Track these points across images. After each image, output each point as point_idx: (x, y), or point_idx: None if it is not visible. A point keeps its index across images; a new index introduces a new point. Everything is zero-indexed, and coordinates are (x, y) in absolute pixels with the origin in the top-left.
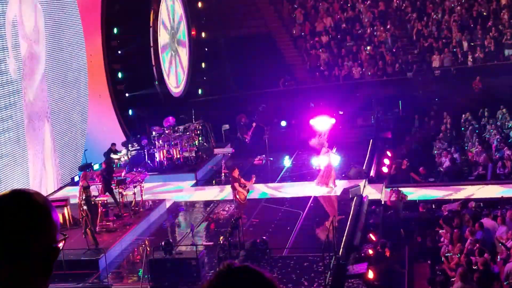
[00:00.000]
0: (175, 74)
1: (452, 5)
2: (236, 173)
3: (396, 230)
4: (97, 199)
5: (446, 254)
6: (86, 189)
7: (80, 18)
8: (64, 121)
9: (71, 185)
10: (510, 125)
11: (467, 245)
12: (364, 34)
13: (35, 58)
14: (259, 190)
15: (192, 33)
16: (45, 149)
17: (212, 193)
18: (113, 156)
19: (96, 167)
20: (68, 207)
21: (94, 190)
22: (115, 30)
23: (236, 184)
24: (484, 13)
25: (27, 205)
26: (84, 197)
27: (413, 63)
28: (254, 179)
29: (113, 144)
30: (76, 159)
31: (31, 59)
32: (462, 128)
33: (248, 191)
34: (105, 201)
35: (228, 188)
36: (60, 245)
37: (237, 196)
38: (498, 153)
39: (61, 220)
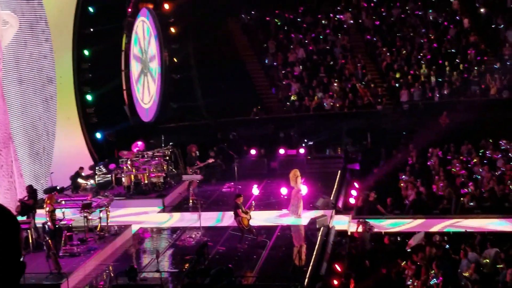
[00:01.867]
0: (147, 94)
1: (421, 41)
2: (240, 200)
3: (362, 262)
4: (61, 222)
5: (410, 286)
6: (51, 212)
7: (51, 38)
8: (30, 143)
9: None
10: (475, 161)
11: (431, 278)
12: (335, 66)
13: None
14: (227, 217)
15: (164, 54)
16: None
17: (179, 219)
18: (79, 180)
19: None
20: (31, 230)
21: (59, 213)
22: (86, 52)
23: (239, 211)
24: (453, 50)
25: (7, 220)
26: (48, 220)
27: (382, 96)
28: (253, 207)
29: (81, 168)
30: (42, 182)
31: None
32: (428, 162)
33: (250, 216)
34: (70, 225)
35: (193, 216)
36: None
37: (241, 222)
38: (463, 187)
39: (24, 243)
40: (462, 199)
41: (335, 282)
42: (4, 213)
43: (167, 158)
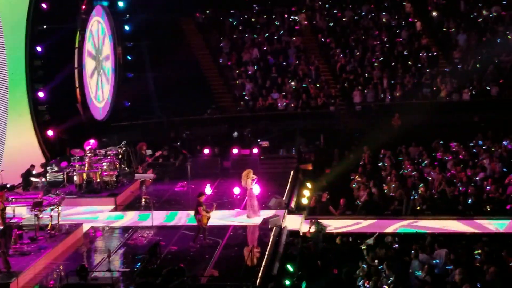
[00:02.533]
0: (101, 92)
1: (374, 43)
2: (202, 198)
3: (314, 262)
4: (12, 221)
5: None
6: (1, 210)
7: (3, 35)
8: None
9: None
10: (425, 162)
11: (382, 279)
12: (289, 66)
13: None
14: (180, 217)
15: (118, 51)
16: None
17: (131, 218)
18: (31, 178)
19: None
20: None
21: (9, 211)
22: (39, 49)
23: (201, 208)
24: (405, 52)
25: None
26: None
27: (335, 97)
28: (215, 207)
29: (32, 166)
30: None
31: None
32: (380, 163)
33: (209, 216)
34: (20, 223)
35: (144, 215)
36: None
37: (201, 220)
38: (414, 189)
39: None
40: (412, 199)
41: (287, 282)
42: None
43: (120, 156)
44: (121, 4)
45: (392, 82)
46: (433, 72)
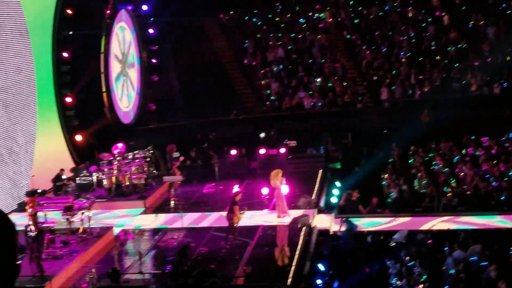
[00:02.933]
0: (126, 96)
1: (401, 38)
2: (239, 197)
3: (344, 261)
4: (44, 225)
5: (394, 286)
6: (33, 215)
7: (30, 41)
8: (10, 146)
9: (17, 211)
10: (456, 158)
11: (415, 277)
12: (314, 65)
13: None
14: (209, 218)
15: (143, 55)
16: None
17: (161, 220)
18: (62, 183)
19: None
20: None
21: (41, 216)
22: (65, 55)
23: (236, 208)
24: (433, 47)
25: (5, 222)
26: (31, 223)
27: (362, 95)
28: (246, 210)
29: (62, 170)
30: (22, 185)
31: None
32: (410, 160)
33: (240, 217)
34: (52, 227)
35: (175, 216)
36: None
37: (233, 219)
38: (446, 185)
39: None
40: (445, 196)
41: (319, 281)
42: (1, 217)
43: (148, 159)
44: (145, 7)
45: (420, 77)
46: (462, 66)
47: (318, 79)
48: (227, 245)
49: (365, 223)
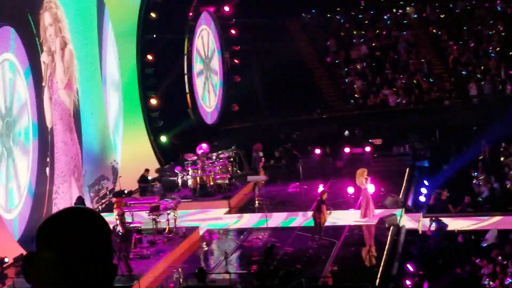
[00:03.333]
0: (208, 96)
1: (490, 32)
2: (325, 196)
3: (434, 261)
4: (131, 225)
5: (487, 286)
6: (120, 215)
7: (117, 45)
8: (97, 148)
9: (104, 212)
10: None
11: (508, 278)
12: (399, 61)
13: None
14: (294, 218)
15: (226, 56)
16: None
17: (246, 220)
18: (147, 184)
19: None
20: None
21: (128, 216)
22: (150, 57)
23: (324, 207)
24: None
25: (101, 222)
26: (118, 224)
27: (450, 91)
28: (332, 211)
29: (147, 171)
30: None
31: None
32: (502, 157)
33: (327, 217)
34: (139, 227)
35: (258, 215)
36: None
37: (320, 219)
38: None
39: None
40: None
41: (408, 282)
42: (96, 217)
43: (232, 159)
44: (226, 8)
45: (511, 72)
46: None
47: (403, 77)
48: (314, 245)
49: (455, 223)
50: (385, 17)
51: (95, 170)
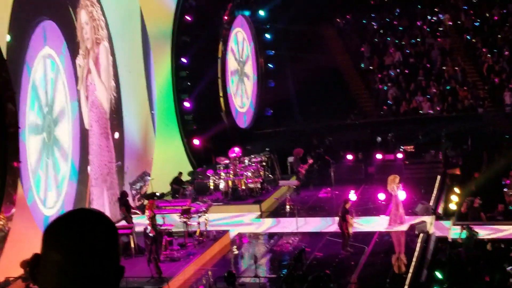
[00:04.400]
0: (240, 97)
1: None
2: (348, 205)
3: (464, 269)
4: (162, 227)
5: None
6: (152, 218)
7: (151, 48)
8: (131, 149)
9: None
10: None
11: None
12: (433, 69)
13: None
14: (324, 223)
15: (260, 60)
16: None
17: (277, 225)
18: (180, 186)
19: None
20: (133, 235)
21: (159, 218)
22: (184, 60)
23: (348, 216)
24: None
25: (108, 224)
26: (149, 226)
27: (484, 99)
28: (356, 218)
29: (180, 173)
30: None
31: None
32: None
33: (353, 224)
34: (170, 230)
35: (290, 220)
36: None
37: (347, 229)
38: None
39: (126, 248)
40: None
41: None
42: (102, 219)
43: (264, 164)
44: (262, 13)
45: None
46: None
47: (438, 84)
48: (347, 252)
49: (486, 231)
50: (420, 24)
51: (138, 167)
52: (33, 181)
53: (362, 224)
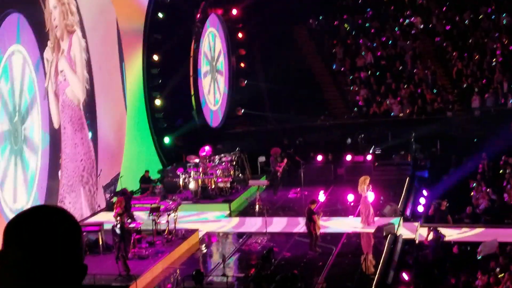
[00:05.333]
0: (213, 95)
1: (495, 46)
2: (314, 206)
3: (430, 271)
4: (131, 225)
5: None
6: (120, 215)
7: (122, 44)
8: (100, 146)
9: (105, 211)
10: None
11: None
12: (404, 71)
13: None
14: (293, 223)
15: (232, 59)
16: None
17: (246, 224)
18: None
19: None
20: (101, 232)
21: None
22: (156, 58)
23: (315, 217)
24: None
25: (71, 222)
26: (118, 223)
27: (453, 103)
28: (321, 215)
29: (146, 172)
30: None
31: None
32: (501, 170)
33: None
34: (139, 228)
35: (259, 220)
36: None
37: (315, 229)
38: None
39: (94, 245)
40: None
41: None
42: (65, 216)
43: (234, 163)
44: (234, 12)
45: None
46: None
47: (407, 86)
48: (315, 252)
49: (452, 233)
50: (391, 26)
51: (111, 169)
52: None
53: (328, 226)
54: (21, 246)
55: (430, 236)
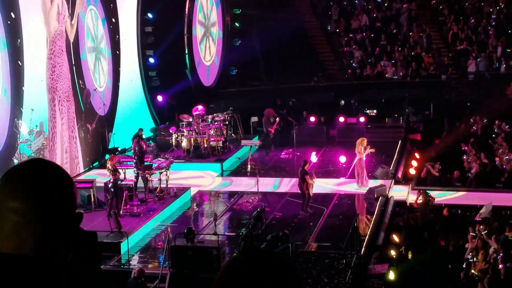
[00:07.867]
0: (209, 52)
1: (490, 10)
2: (307, 166)
3: (420, 233)
4: (123, 182)
5: (470, 260)
6: (112, 172)
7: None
8: (93, 103)
9: (98, 168)
10: None
11: (491, 253)
12: (399, 34)
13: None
14: (284, 183)
15: (226, 19)
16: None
17: (237, 184)
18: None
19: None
20: (93, 189)
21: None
22: (150, 15)
23: (308, 177)
24: None
25: (62, 172)
26: (110, 180)
27: (447, 66)
28: (315, 176)
29: (140, 129)
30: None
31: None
32: (494, 134)
33: (313, 184)
34: (131, 185)
35: (251, 180)
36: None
37: (308, 189)
38: None
39: (86, 201)
40: None
41: (392, 252)
42: (55, 169)
43: (227, 122)
44: None
45: (508, 50)
46: None
47: (402, 50)
48: (307, 213)
49: (443, 196)
50: None
51: None
52: None
53: (321, 185)
54: (20, 196)
55: (420, 199)
